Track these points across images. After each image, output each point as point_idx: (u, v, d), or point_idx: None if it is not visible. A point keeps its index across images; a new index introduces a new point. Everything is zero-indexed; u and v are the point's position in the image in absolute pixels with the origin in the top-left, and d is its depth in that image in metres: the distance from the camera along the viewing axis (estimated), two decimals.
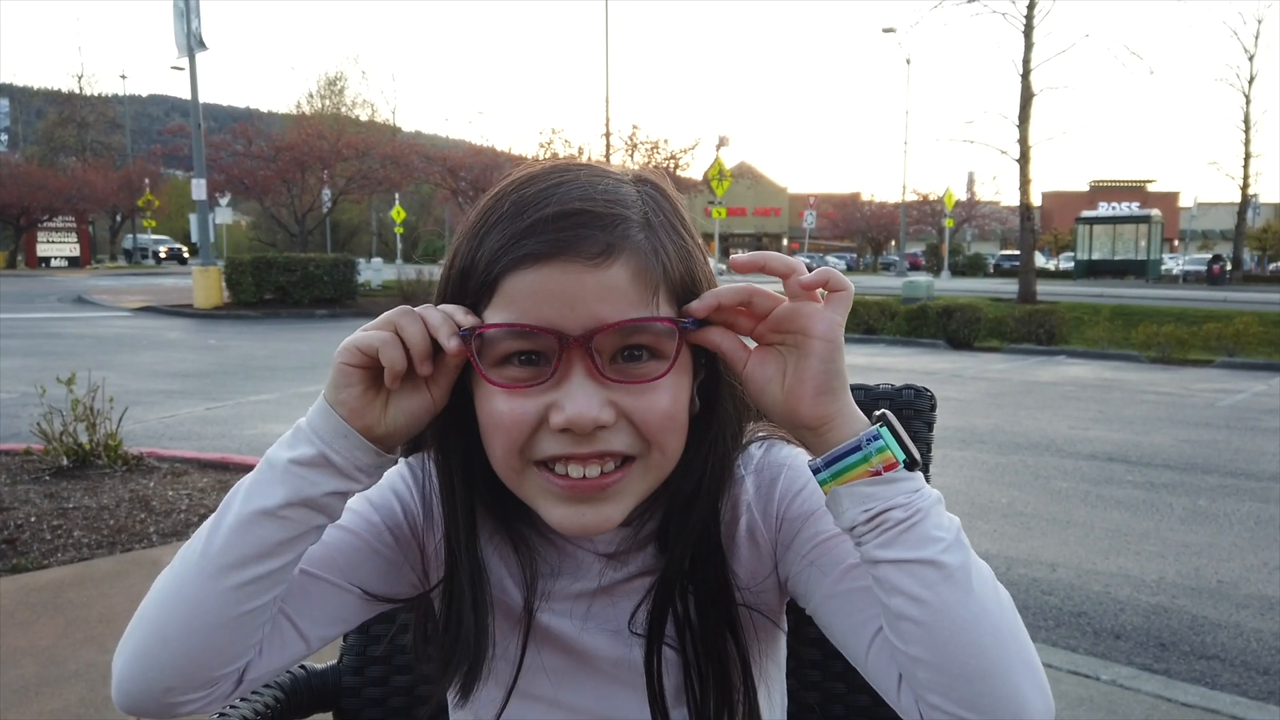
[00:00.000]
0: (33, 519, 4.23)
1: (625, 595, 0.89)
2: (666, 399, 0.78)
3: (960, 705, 0.72)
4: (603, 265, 0.75)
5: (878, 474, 0.76)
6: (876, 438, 0.76)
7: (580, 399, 0.75)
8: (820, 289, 0.77)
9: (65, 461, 5.05)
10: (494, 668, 0.88)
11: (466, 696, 0.88)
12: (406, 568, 0.89)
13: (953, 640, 0.72)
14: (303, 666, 1.19)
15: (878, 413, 0.78)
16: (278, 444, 0.79)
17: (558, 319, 0.75)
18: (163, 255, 50.16)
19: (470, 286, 0.79)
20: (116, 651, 0.80)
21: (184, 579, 0.77)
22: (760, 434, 0.93)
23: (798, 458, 0.90)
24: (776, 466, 0.90)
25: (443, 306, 0.79)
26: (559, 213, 0.76)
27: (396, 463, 0.83)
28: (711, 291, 0.79)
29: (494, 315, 0.77)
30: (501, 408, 0.77)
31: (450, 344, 0.76)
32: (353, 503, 0.88)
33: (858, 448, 0.76)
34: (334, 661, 1.20)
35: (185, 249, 47.82)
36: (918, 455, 0.77)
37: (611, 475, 0.78)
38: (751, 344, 0.81)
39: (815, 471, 0.78)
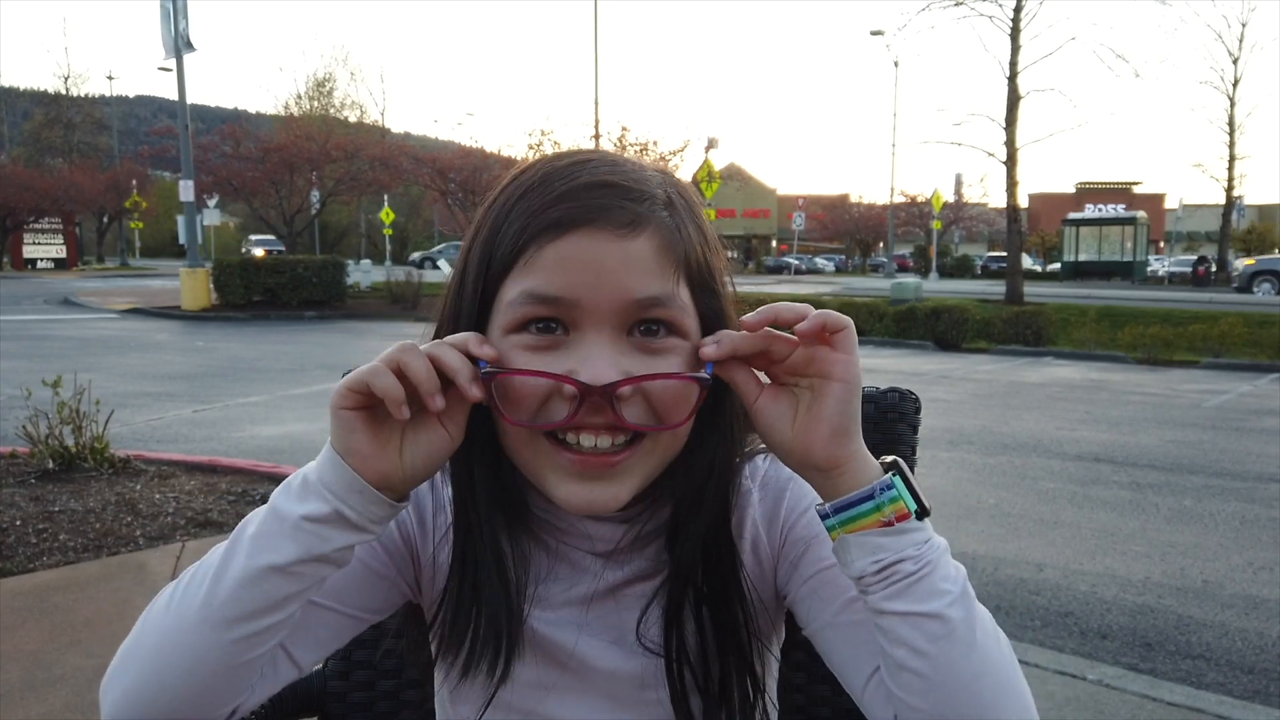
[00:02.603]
0: (18, 522, 4.20)
1: (627, 601, 0.87)
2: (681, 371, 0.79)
3: None
4: (629, 236, 0.75)
5: (889, 524, 0.74)
6: (890, 487, 0.75)
7: (598, 364, 0.75)
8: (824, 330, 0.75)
9: (51, 464, 5.02)
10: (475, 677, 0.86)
11: (496, 674, 0.85)
12: (401, 581, 0.89)
13: (954, 695, 0.72)
14: None
15: (889, 459, 0.77)
16: (285, 493, 0.75)
17: (582, 286, 0.75)
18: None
19: (496, 255, 0.78)
20: (107, 682, 0.76)
21: (185, 627, 0.73)
22: (763, 445, 0.93)
23: (794, 481, 0.90)
24: (783, 480, 0.90)
25: (454, 339, 0.75)
26: (589, 183, 0.77)
27: (407, 508, 0.79)
28: (728, 338, 0.77)
29: (517, 282, 0.77)
30: (515, 376, 0.77)
31: (472, 392, 0.73)
32: None
33: (870, 496, 0.75)
34: (319, 666, 1.20)
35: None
36: (929, 505, 0.76)
37: (620, 453, 0.78)
38: (764, 378, 0.80)
39: (824, 517, 0.77)
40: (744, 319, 0.78)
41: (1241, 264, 29.02)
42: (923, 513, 0.75)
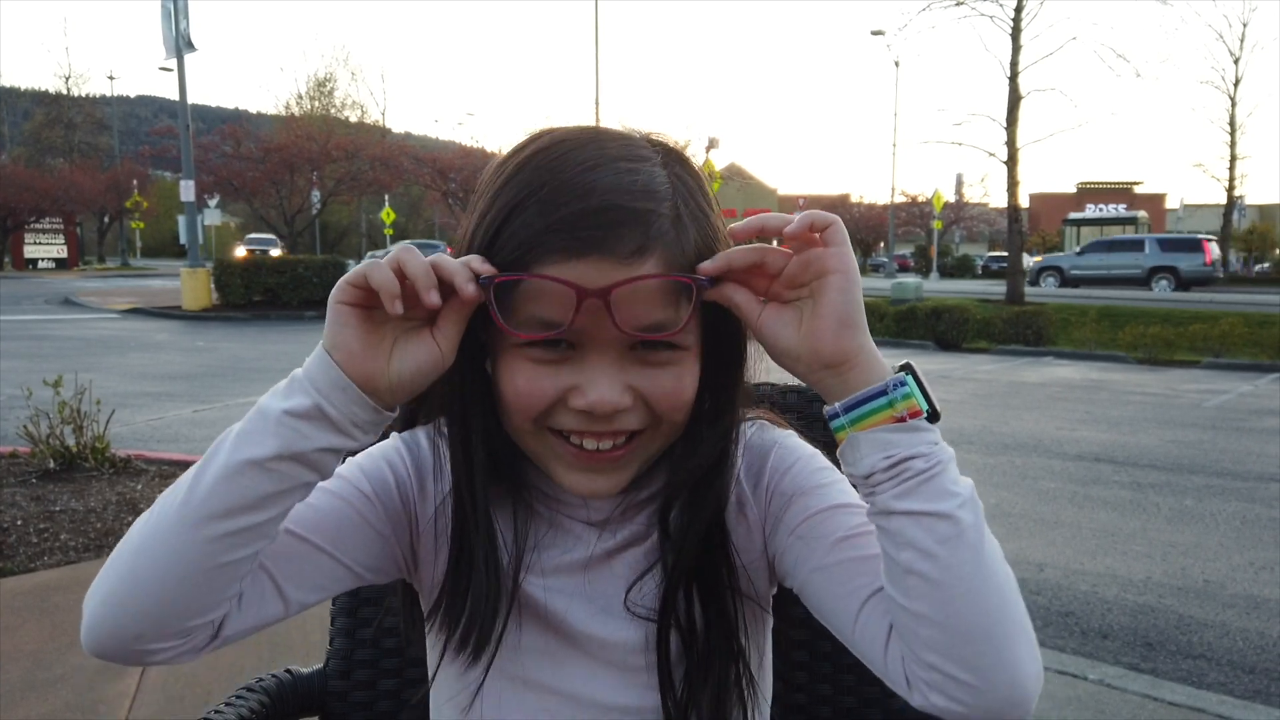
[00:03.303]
0: (19, 522, 4.21)
1: (619, 568, 0.88)
2: (682, 381, 0.81)
3: (958, 665, 0.71)
4: (636, 263, 0.75)
5: (902, 420, 0.75)
6: (902, 384, 0.76)
7: (603, 385, 0.77)
8: (813, 231, 0.76)
9: (52, 464, 5.02)
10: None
11: (479, 655, 0.86)
12: (394, 542, 0.88)
13: (960, 598, 0.71)
14: (288, 670, 1.18)
15: (902, 361, 0.78)
16: (271, 392, 0.75)
17: (586, 315, 0.75)
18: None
19: (496, 260, 0.77)
20: (88, 594, 0.77)
21: (163, 525, 0.73)
22: (750, 416, 0.94)
23: (789, 437, 0.92)
24: (768, 444, 0.91)
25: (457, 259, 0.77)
26: (594, 207, 0.74)
27: (394, 417, 0.80)
28: (723, 253, 0.78)
29: (524, 301, 0.76)
30: (521, 384, 0.79)
31: (467, 288, 0.73)
32: (345, 470, 0.87)
33: (883, 392, 0.75)
34: (319, 665, 1.20)
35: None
36: (939, 408, 0.77)
37: (622, 449, 0.81)
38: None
39: (833, 417, 0.77)
40: (732, 228, 0.79)
41: (1032, 261, 32.14)
42: (934, 415, 0.76)
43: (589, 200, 0.75)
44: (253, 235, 43.97)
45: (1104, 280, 28.48)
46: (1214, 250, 28.41)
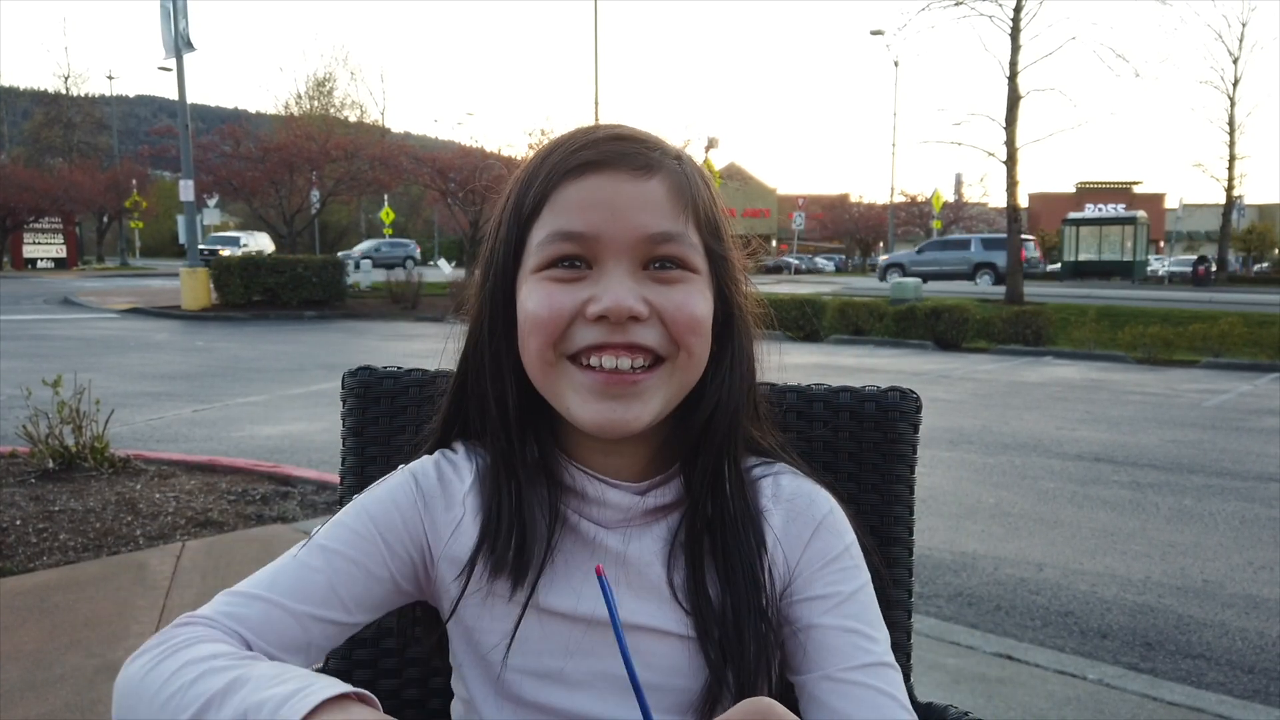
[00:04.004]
0: (18, 522, 4.20)
1: (639, 567, 0.88)
2: (695, 301, 0.84)
3: None
4: (644, 178, 0.83)
5: None
6: None
7: (618, 289, 0.81)
8: None
9: (51, 464, 5.02)
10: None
11: (521, 578, 0.87)
12: (397, 580, 0.89)
13: None
14: None
15: None
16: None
17: (601, 222, 0.81)
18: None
19: (525, 203, 0.85)
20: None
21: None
22: (782, 458, 0.95)
23: (832, 515, 0.91)
24: (811, 515, 0.91)
25: None
26: (608, 135, 0.85)
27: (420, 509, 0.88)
28: None
29: (543, 223, 0.84)
30: (541, 301, 0.83)
31: None
32: (352, 520, 0.88)
33: None
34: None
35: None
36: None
37: (641, 374, 0.83)
38: None
39: None
40: None
41: (882, 259, 35.85)
42: None
43: (603, 132, 0.86)
44: (217, 235, 40.51)
45: (938, 275, 31.75)
46: (1029, 249, 31.34)
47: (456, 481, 0.91)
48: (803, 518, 0.90)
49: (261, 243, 37.66)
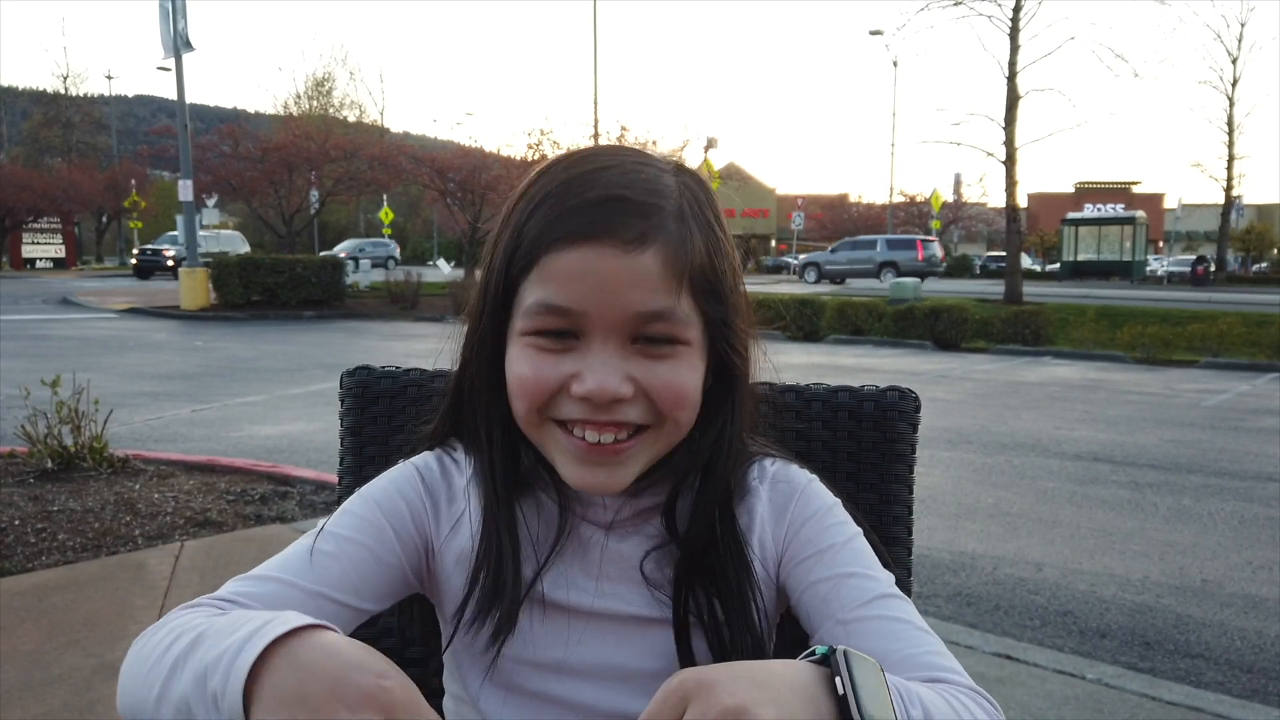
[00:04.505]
0: (17, 522, 4.20)
1: (630, 569, 0.89)
2: (683, 377, 0.82)
3: None
4: (635, 251, 0.78)
5: None
6: None
7: (602, 372, 0.79)
8: None
9: (50, 464, 5.02)
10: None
11: (511, 626, 0.87)
12: (406, 569, 0.90)
13: None
14: None
15: None
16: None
17: (589, 299, 0.79)
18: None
19: (516, 256, 0.82)
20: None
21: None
22: (772, 452, 0.96)
23: (814, 483, 0.93)
24: (790, 485, 0.92)
25: None
26: (600, 196, 0.79)
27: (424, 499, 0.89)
28: None
29: (533, 290, 0.81)
30: (526, 370, 0.82)
31: None
32: (358, 507, 0.89)
33: None
34: None
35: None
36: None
37: (625, 443, 0.82)
38: None
39: None
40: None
41: (800, 258, 38.50)
42: None
43: (595, 191, 0.80)
44: (171, 234, 35.65)
45: (849, 273, 34.16)
46: (928, 248, 34.23)
47: (458, 475, 0.93)
48: (784, 490, 0.92)
49: (232, 244, 35.51)
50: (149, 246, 36.69)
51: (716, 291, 0.84)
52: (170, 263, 32.96)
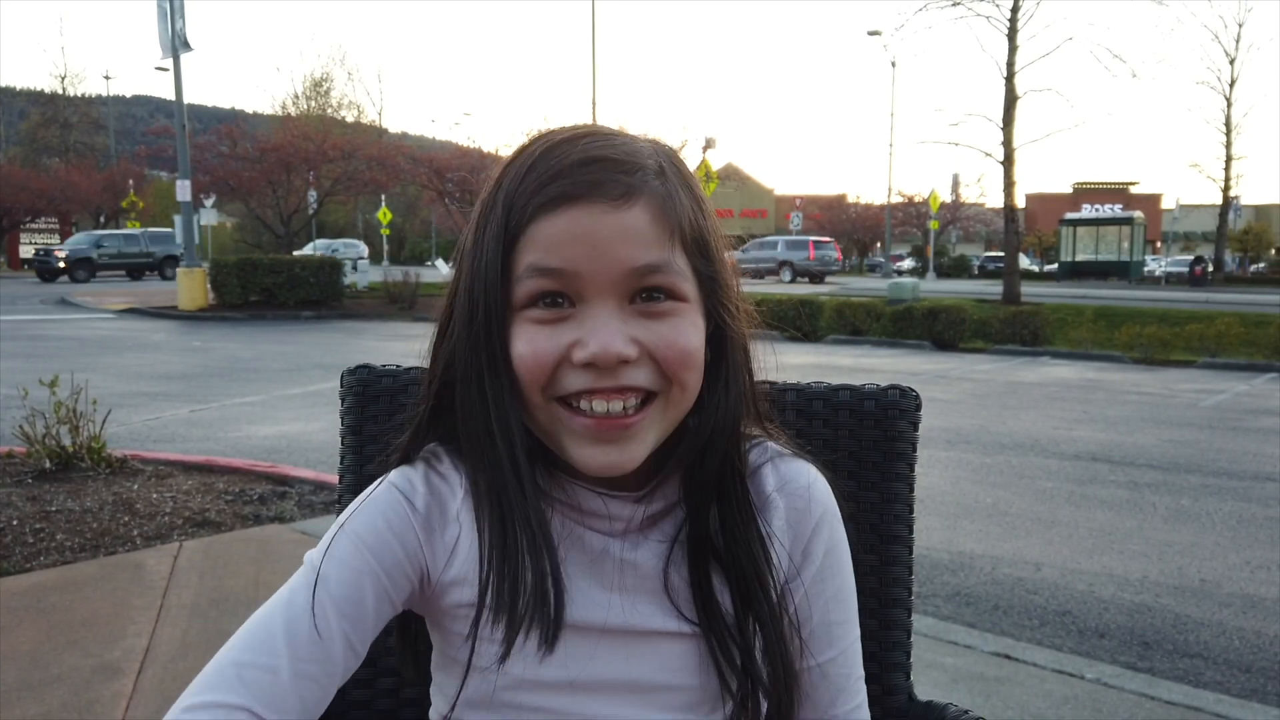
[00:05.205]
0: (15, 522, 4.20)
1: (646, 572, 0.87)
2: (687, 334, 0.81)
3: None
4: (623, 207, 0.78)
5: None
6: None
7: (604, 334, 0.77)
8: None
9: (48, 464, 5.01)
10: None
11: (553, 647, 0.83)
12: (399, 605, 0.87)
13: None
14: None
15: None
16: None
17: (581, 259, 0.77)
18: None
19: (507, 229, 0.80)
20: None
21: None
22: (779, 446, 0.94)
23: (826, 514, 0.92)
24: (804, 500, 0.91)
25: None
26: (582, 159, 0.79)
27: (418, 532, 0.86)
28: None
29: (523, 256, 0.79)
30: (524, 348, 0.79)
31: None
32: (355, 560, 0.83)
33: None
34: None
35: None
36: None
37: (634, 415, 0.80)
38: None
39: None
40: None
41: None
42: None
43: (576, 155, 0.79)
44: (152, 230, 37.21)
45: (756, 271, 36.86)
46: (819, 249, 38.21)
47: (449, 495, 0.87)
48: (803, 512, 0.91)
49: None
50: (41, 246, 36.30)
51: (706, 249, 0.84)
52: (61, 264, 33.15)
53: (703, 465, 0.86)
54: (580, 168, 0.78)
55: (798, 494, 0.91)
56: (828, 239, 42.20)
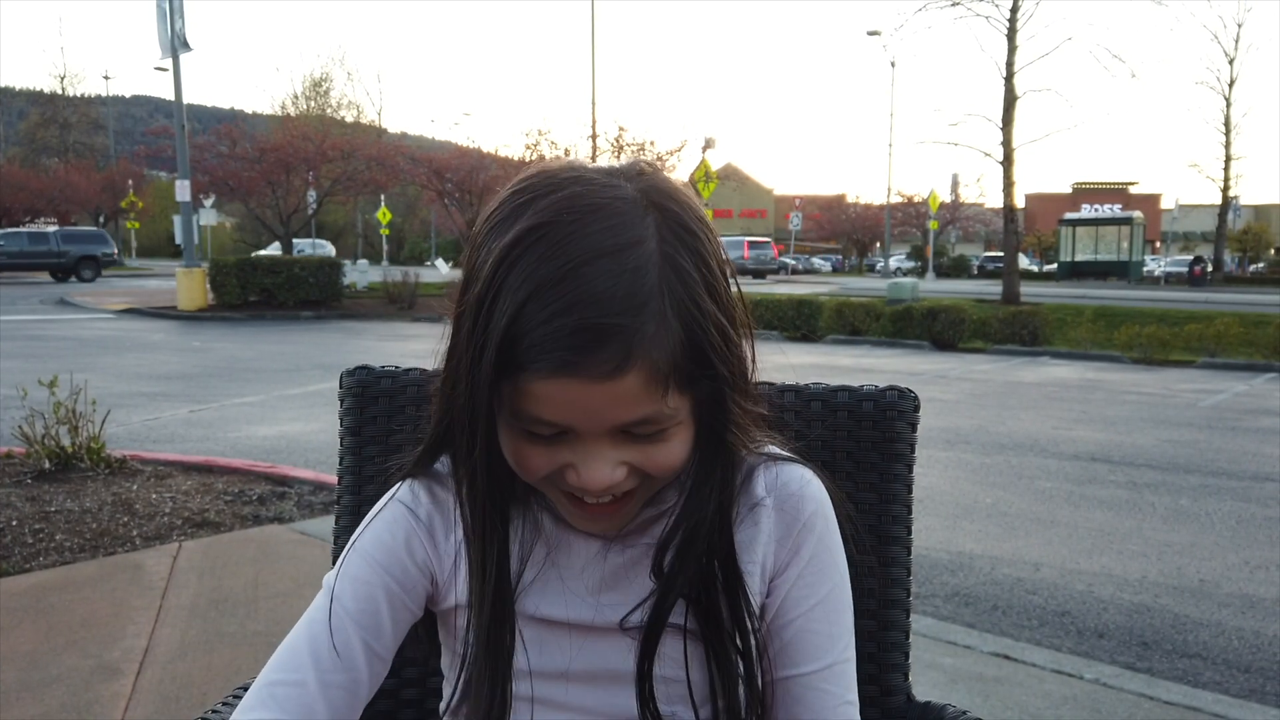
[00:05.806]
0: (14, 522, 4.20)
1: (632, 578, 0.90)
2: (675, 452, 0.81)
3: None
4: (615, 378, 0.74)
5: None
6: None
7: (596, 467, 0.79)
8: None
9: (47, 464, 5.01)
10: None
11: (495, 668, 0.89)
12: (414, 612, 0.92)
13: None
14: None
15: None
16: None
17: (573, 418, 0.76)
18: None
19: (489, 342, 0.75)
20: None
21: None
22: (775, 450, 0.94)
23: (816, 514, 0.92)
24: (796, 499, 0.92)
25: None
26: (575, 325, 0.72)
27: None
28: None
29: (516, 389, 0.76)
30: (516, 457, 0.81)
31: None
32: (370, 576, 0.88)
33: None
34: None
35: None
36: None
37: (620, 501, 0.83)
38: None
39: None
40: None
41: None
42: None
43: (571, 316, 0.73)
44: (67, 227, 35.51)
45: None
46: (754, 249, 42.55)
47: (450, 500, 0.91)
48: (794, 511, 0.91)
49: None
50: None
51: (704, 361, 0.78)
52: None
53: (683, 558, 0.86)
54: (571, 337, 0.72)
55: (789, 494, 0.92)
56: (765, 239, 48.58)
